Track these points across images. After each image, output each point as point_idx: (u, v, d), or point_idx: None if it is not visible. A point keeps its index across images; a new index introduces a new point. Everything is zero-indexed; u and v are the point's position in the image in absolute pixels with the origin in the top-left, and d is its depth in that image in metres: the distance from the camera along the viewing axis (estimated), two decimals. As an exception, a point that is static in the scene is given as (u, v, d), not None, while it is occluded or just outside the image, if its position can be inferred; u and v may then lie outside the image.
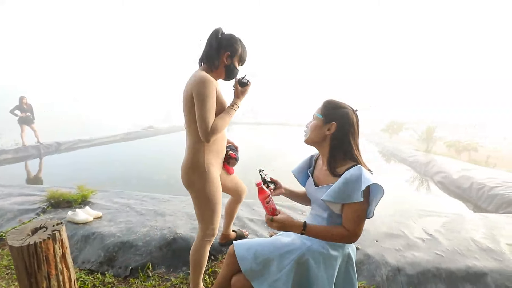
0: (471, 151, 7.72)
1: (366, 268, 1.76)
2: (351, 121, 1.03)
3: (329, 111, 1.05)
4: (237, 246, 1.08)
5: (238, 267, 1.07)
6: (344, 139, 1.02)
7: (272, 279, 1.01)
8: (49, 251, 1.28)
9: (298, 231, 0.99)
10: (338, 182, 0.97)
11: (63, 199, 2.54)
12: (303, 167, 1.22)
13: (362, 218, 0.96)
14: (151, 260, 1.80)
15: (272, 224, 1.00)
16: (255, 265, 1.03)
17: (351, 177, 0.95)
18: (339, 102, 1.08)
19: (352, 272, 1.08)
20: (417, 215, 2.56)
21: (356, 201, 0.93)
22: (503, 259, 1.82)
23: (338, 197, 0.96)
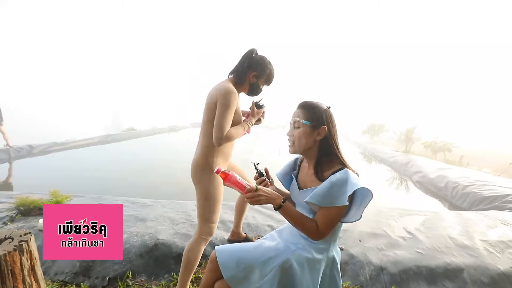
0: (446, 151, 8.12)
1: (350, 268, 1.77)
2: (334, 121, 1.02)
3: (316, 115, 1.00)
4: (219, 252, 1.04)
5: (220, 273, 1.03)
6: (331, 142, 1.01)
7: (255, 286, 0.98)
8: (15, 264, 1.18)
9: (275, 205, 0.96)
10: (323, 185, 0.95)
11: (34, 206, 2.37)
12: (288, 170, 1.20)
13: (334, 222, 0.95)
14: (131, 268, 1.72)
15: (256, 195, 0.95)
16: (238, 272, 0.99)
17: (337, 181, 0.93)
18: (316, 102, 1.05)
19: (337, 275, 1.07)
20: (398, 215, 2.64)
21: (340, 205, 0.92)
22: (477, 255, 1.91)
23: (322, 200, 0.94)
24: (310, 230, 0.96)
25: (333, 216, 0.95)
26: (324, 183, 0.95)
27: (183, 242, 1.92)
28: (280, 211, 0.97)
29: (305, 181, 1.08)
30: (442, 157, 8.06)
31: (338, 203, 0.92)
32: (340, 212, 0.95)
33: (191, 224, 2.20)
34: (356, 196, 0.96)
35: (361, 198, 0.96)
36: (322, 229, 0.95)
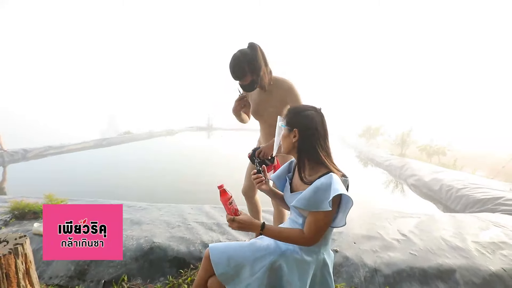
0: (440, 155, 8.21)
1: (345, 270, 1.79)
2: (313, 125, 1.03)
3: (291, 119, 1.06)
4: (212, 250, 1.08)
5: (213, 271, 1.06)
6: (308, 144, 1.03)
7: (244, 284, 1.01)
8: (10, 267, 1.18)
9: (256, 231, 1.01)
10: (308, 190, 0.98)
11: (28, 210, 2.36)
12: (282, 173, 1.22)
13: (322, 227, 0.97)
14: (126, 271, 1.72)
15: (233, 224, 1.02)
16: (229, 269, 1.03)
17: (321, 185, 0.95)
18: (301, 106, 1.10)
19: (329, 277, 1.08)
20: (392, 217, 2.66)
21: (324, 209, 0.93)
22: (469, 256, 1.94)
23: (307, 204, 0.97)
24: (298, 240, 0.99)
25: (320, 221, 0.96)
26: (309, 187, 0.98)
27: (179, 245, 1.92)
28: (263, 234, 1.02)
29: (297, 185, 1.11)
30: (436, 160, 8.15)
31: (322, 208, 0.94)
32: (326, 218, 0.97)
33: (186, 228, 2.21)
34: (342, 201, 0.99)
35: (344, 204, 0.98)
36: (310, 235, 0.97)
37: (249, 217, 1.04)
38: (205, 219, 2.39)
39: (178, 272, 1.75)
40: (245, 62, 1.43)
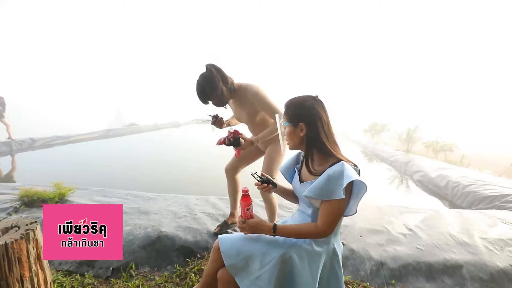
0: (447, 151, 8.12)
1: (351, 263, 1.79)
2: (316, 113, 1.01)
3: (293, 114, 1.04)
4: (222, 241, 1.08)
5: (223, 262, 1.06)
6: (315, 135, 1.02)
7: (254, 276, 1.00)
8: (22, 252, 1.20)
9: (269, 233, 1.02)
10: (320, 179, 0.97)
11: (37, 198, 2.40)
12: (290, 164, 1.22)
13: (337, 216, 0.96)
14: (134, 259, 1.74)
15: (244, 227, 1.03)
16: (239, 260, 1.02)
17: (333, 173, 0.94)
18: (297, 97, 1.06)
19: (338, 268, 1.08)
20: (398, 212, 2.65)
21: (337, 198, 0.93)
22: (477, 252, 1.92)
23: (319, 193, 0.96)
24: (312, 233, 0.99)
25: (334, 210, 0.96)
26: (321, 176, 0.97)
27: (186, 235, 1.94)
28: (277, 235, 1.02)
29: (305, 176, 1.10)
30: (443, 157, 8.06)
31: (335, 196, 0.93)
32: (341, 206, 0.96)
33: (193, 218, 2.22)
34: (353, 189, 0.97)
35: (357, 191, 0.97)
36: (324, 225, 0.96)
37: (260, 219, 1.04)
38: (211, 210, 2.40)
39: (185, 261, 1.77)
40: (205, 84, 1.57)
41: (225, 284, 1.05)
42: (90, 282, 1.57)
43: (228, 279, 1.04)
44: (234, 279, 1.03)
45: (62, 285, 1.52)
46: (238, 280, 1.01)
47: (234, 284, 1.03)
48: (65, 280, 1.57)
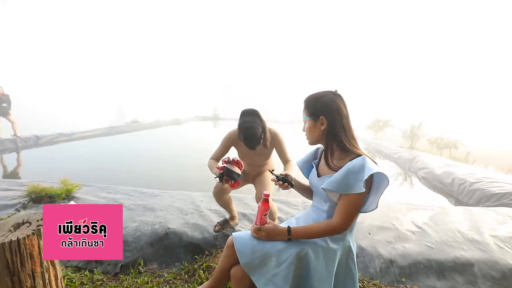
0: (452, 148, 8.05)
1: (360, 260, 1.78)
2: (336, 107, 1.01)
3: (312, 109, 1.04)
4: (236, 239, 1.06)
5: (237, 259, 1.04)
6: (336, 129, 1.01)
7: (271, 273, 0.99)
8: (34, 247, 1.20)
9: (284, 238, 1.01)
10: (340, 172, 0.95)
11: (45, 194, 2.41)
12: (308, 159, 1.21)
13: (354, 211, 0.95)
14: (142, 256, 1.74)
15: (260, 233, 1.02)
16: (254, 258, 1.01)
17: (353, 167, 0.93)
18: (317, 93, 1.06)
19: (352, 265, 1.07)
20: (405, 209, 2.63)
21: (358, 192, 0.91)
22: (488, 249, 1.90)
23: (339, 187, 0.94)
24: (328, 231, 0.97)
25: (352, 204, 0.94)
26: (341, 170, 0.96)
27: (193, 231, 1.93)
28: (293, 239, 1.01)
29: (324, 170, 1.08)
30: (447, 154, 7.99)
31: (355, 190, 0.91)
32: (359, 200, 0.94)
33: (200, 215, 2.22)
34: (373, 184, 0.96)
35: (377, 185, 0.95)
36: (341, 220, 0.95)
37: (274, 224, 1.03)
38: (217, 207, 2.39)
39: (193, 258, 1.77)
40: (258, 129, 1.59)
41: (239, 281, 1.04)
42: (99, 278, 1.57)
43: (242, 276, 1.03)
44: (247, 276, 1.01)
45: (72, 281, 1.52)
46: (255, 278, 0.99)
47: (248, 281, 1.02)
48: (75, 276, 1.57)
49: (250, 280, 1.02)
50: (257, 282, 0.99)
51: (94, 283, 1.53)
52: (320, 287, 0.98)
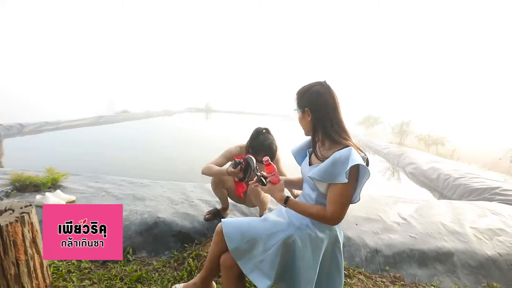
0: (439, 145, 8.28)
1: (346, 250, 1.82)
2: (322, 99, 1.01)
3: (300, 100, 1.07)
4: (225, 224, 1.07)
5: (226, 246, 1.05)
6: (321, 120, 1.02)
7: (258, 259, 1.00)
8: (17, 235, 1.18)
9: (280, 202, 1.05)
10: (327, 161, 0.97)
11: (30, 183, 2.34)
12: (303, 147, 1.22)
13: (345, 201, 0.95)
14: (131, 244, 1.73)
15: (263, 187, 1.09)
16: (242, 244, 1.02)
17: (339, 157, 0.94)
18: (306, 85, 1.08)
19: (339, 254, 1.09)
20: (392, 202, 2.70)
21: (340, 182, 0.92)
22: (467, 240, 1.98)
23: (323, 176, 0.95)
24: (320, 216, 0.98)
25: (340, 195, 0.95)
26: (328, 159, 0.97)
27: (183, 220, 1.93)
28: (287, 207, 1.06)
29: (314, 159, 1.09)
30: (434, 151, 8.22)
31: (338, 180, 0.92)
32: (347, 192, 0.95)
33: (190, 204, 2.21)
34: (359, 176, 0.97)
35: (361, 177, 0.96)
36: (332, 211, 0.95)
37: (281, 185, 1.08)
38: (208, 197, 2.39)
39: (182, 247, 1.77)
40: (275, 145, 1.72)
41: (229, 268, 1.05)
42: (87, 267, 1.55)
43: (231, 264, 1.04)
44: (236, 263, 1.02)
45: (58, 269, 1.50)
46: (241, 264, 1.00)
47: (237, 268, 1.03)
48: (61, 264, 1.54)
49: (239, 268, 1.03)
50: (244, 268, 1.00)
51: (81, 271, 1.51)
52: (305, 274, 1.00)
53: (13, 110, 10.79)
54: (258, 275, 0.99)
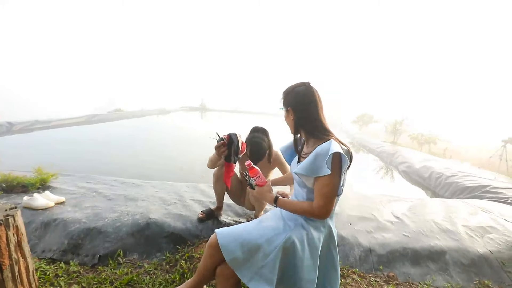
0: (431, 143, 8.38)
1: (341, 249, 1.82)
2: (305, 99, 1.04)
3: (285, 100, 1.10)
4: (220, 236, 1.03)
5: (221, 258, 1.02)
6: (303, 119, 1.05)
7: (258, 266, 0.98)
8: (1, 239, 1.13)
9: (270, 203, 1.10)
10: (310, 156, 0.99)
11: (17, 183, 2.28)
12: (289, 145, 1.24)
13: (330, 193, 0.95)
14: (122, 247, 1.69)
15: (252, 191, 1.15)
16: (241, 253, 0.99)
17: (321, 150, 0.96)
18: (291, 85, 1.11)
19: (334, 251, 1.10)
20: (386, 201, 2.72)
21: (324, 174, 0.93)
22: (459, 238, 2.00)
23: (307, 170, 0.97)
24: (309, 211, 0.99)
25: (325, 187, 0.95)
26: (311, 154, 0.99)
27: (175, 222, 1.90)
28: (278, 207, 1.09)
29: (301, 157, 1.11)
30: (427, 149, 8.32)
31: (322, 172, 0.94)
32: (331, 183, 0.95)
33: (183, 205, 2.18)
34: (342, 166, 0.96)
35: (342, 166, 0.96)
36: (320, 204, 0.96)
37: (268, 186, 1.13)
38: (201, 197, 2.37)
39: (175, 248, 1.74)
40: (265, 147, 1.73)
41: (227, 279, 1.02)
42: (76, 270, 1.51)
43: (228, 274, 1.01)
44: (234, 274, 0.99)
45: (46, 273, 1.46)
46: (240, 273, 0.97)
47: (236, 278, 1.01)
48: (49, 268, 1.50)
49: (237, 278, 1.01)
50: (244, 277, 0.97)
51: (69, 275, 1.47)
52: (307, 275, 0.99)
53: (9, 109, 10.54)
54: (259, 282, 0.96)
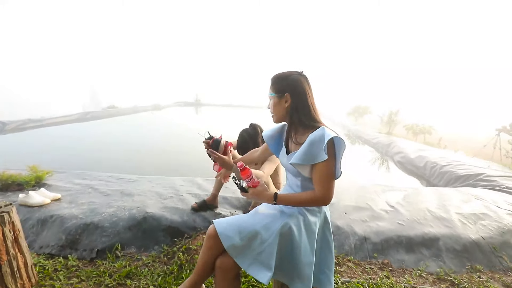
0: (426, 134, 8.46)
1: (336, 238, 1.85)
2: (302, 86, 1.04)
3: (278, 85, 1.07)
4: (218, 224, 1.04)
5: (220, 249, 1.02)
6: (300, 106, 1.04)
7: (256, 252, 0.99)
8: (-3, 234, 1.13)
9: (270, 202, 1.04)
10: (304, 144, 0.99)
11: (12, 181, 2.26)
12: (274, 132, 1.21)
13: (330, 178, 0.97)
14: (120, 241, 1.70)
15: (247, 195, 1.06)
16: (239, 240, 0.99)
17: (315, 137, 0.96)
18: (285, 72, 1.09)
19: (328, 233, 1.12)
20: (381, 190, 2.75)
21: (321, 160, 0.94)
22: (452, 225, 2.05)
23: (304, 158, 0.97)
24: (311, 199, 1.00)
25: (324, 173, 0.97)
26: (304, 143, 0.99)
27: (172, 215, 1.91)
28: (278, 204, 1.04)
29: (291, 146, 1.10)
30: (422, 140, 8.40)
31: (320, 159, 0.95)
32: (329, 168, 0.96)
33: (179, 199, 2.19)
34: (336, 150, 0.98)
35: (338, 150, 0.98)
36: (322, 190, 0.97)
37: (263, 186, 1.07)
38: (198, 191, 2.38)
39: (172, 241, 1.76)
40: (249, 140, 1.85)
41: (226, 271, 1.01)
42: (74, 264, 1.52)
43: (228, 266, 1.01)
44: (234, 265, 0.99)
45: (45, 267, 1.47)
46: (239, 260, 0.98)
47: (235, 270, 1.01)
48: (47, 263, 1.51)
49: (237, 270, 1.02)
50: (242, 263, 0.97)
51: (68, 269, 1.48)
52: (305, 259, 1.01)
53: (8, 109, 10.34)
54: (258, 268, 0.97)
